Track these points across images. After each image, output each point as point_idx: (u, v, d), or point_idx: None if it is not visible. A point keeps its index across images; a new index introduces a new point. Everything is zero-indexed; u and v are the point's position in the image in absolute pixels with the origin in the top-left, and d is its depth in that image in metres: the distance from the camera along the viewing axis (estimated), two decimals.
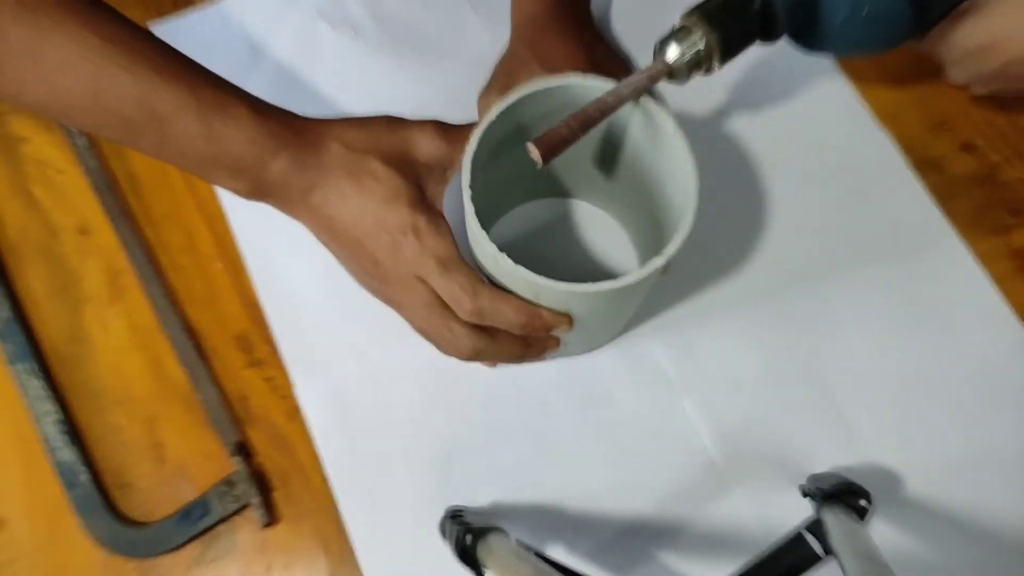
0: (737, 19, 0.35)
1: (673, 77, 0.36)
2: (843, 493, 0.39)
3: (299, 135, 0.38)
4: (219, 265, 0.52)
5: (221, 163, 0.37)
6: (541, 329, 0.39)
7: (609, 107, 0.35)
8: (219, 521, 0.46)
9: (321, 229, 0.40)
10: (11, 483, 0.48)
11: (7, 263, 0.52)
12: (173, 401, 0.49)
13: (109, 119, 0.36)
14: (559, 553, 0.45)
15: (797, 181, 0.53)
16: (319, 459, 0.47)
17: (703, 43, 0.35)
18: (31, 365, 0.49)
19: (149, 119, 0.36)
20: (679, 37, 0.35)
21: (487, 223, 0.36)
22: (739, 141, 0.54)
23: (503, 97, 0.37)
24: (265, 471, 0.48)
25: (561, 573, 0.35)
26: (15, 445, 0.48)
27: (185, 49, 0.57)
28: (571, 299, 0.37)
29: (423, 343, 0.42)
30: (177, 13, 0.58)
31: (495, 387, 0.48)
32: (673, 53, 0.35)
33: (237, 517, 0.47)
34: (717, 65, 0.36)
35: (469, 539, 0.38)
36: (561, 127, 0.34)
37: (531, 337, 0.41)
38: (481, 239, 0.36)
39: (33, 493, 0.47)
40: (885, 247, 0.51)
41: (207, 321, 0.51)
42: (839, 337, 0.49)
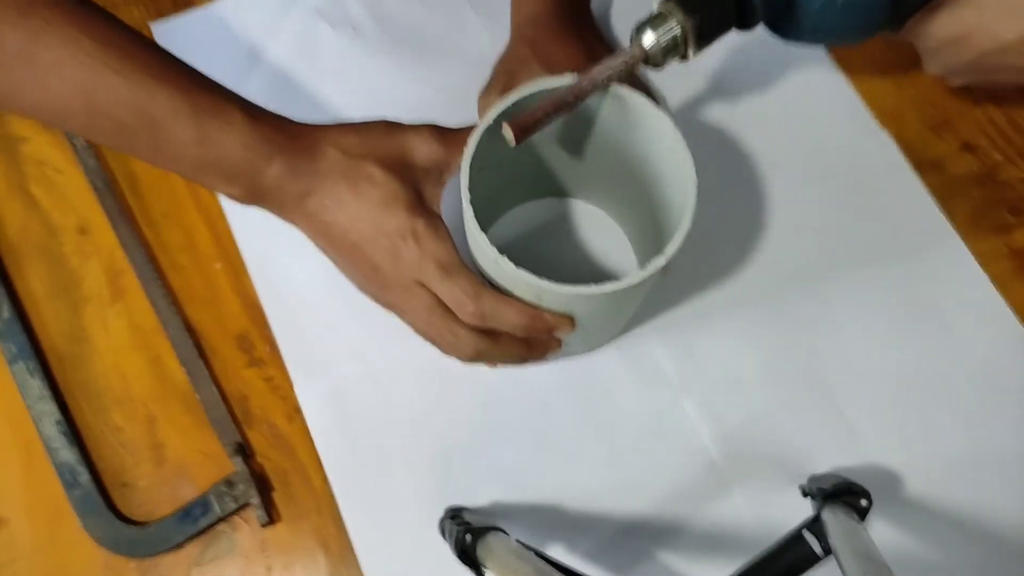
0: (713, 6, 0.35)
1: (649, 62, 0.36)
2: (843, 493, 0.39)
3: (294, 140, 0.38)
4: (219, 265, 0.52)
5: (215, 168, 0.37)
6: (543, 331, 0.39)
7: (585, 91, 0.35)
8: (219, 521, 0.46)
9: (318, 235, 0.40)
10: (11, 483, 0.48)
11: (7, 263, 0.52)
12: (173, 401, 0.49)
13: (103, 123, 0.36)
14: (559, 553, 0.45)
15: (797, 181, 0.53)
16: (319, 459, 0.47)
17: (679, 29, 0.35)
18: (31, 365, 0.49)
19: (143, 123, 0.36)
20: (655, 23, 0.35)
21: (485, 224, 0.36)
22: (739, 141, 0.54)
23: (501, 99, 0.37)
24: (265, 471, 0.48)
25: (561, 573, 0.35)
26: (15, 445, 0.48)
27: (185, 49, 0.57)
28: (573, 300, 0.37)
29: (423, 343, 0.42)
30: (177, 13, 0.58)
31: (495, 387, 0.48)
32: (649, 38, 0.35)
33: (237, 517, 0.47)
34: (692, 51, 0.36)
35: (469, 539, 0.38)
36: (536, 109, 0.35)
37: (533, 339, 0.41)
38: (481, 242, 0.36)
39: (33, 493, 0.47)
40: (885, 247, 0.51)
41: (207, 321, 0.51)
42: (839, 337, 0.49)
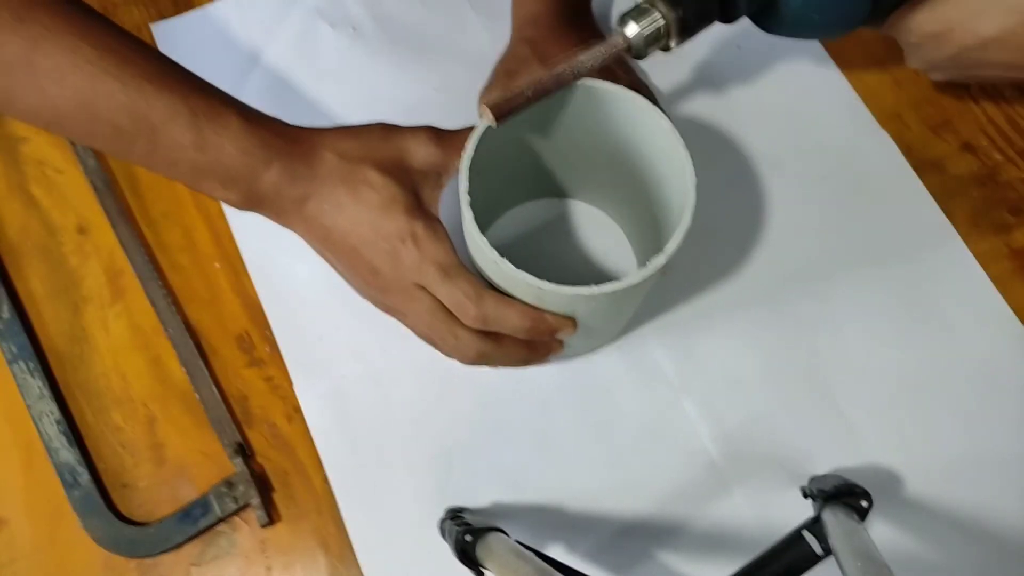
0: None
1: (632, 52, 0.36)
2: (843, 494, 0.39)
3: (292, 145, 0.38)
4: (219, 265, 0.52)
5: (212, 173, 0.37)
6: (545, 332, 0.39)
7: (565, 77, 0.36)
8: (219, 521, 0.46)
9: (317, 239, 0.40)
10: (11, 483, 0.48)
11: (7, 263, 0.52)
12: (173, 401, 0.49)
13: (100, 128, 0.36)
14: (559, 553, 0.45)
15: (797, 181, 0.53)
16: (319, 459, 0.47)
17: (662, 21, 0.35)
18: (31, 365, 0.49)
19: (140, 128, 0.36)
20: (639, 13, 0.36)
21: (484, 226, 0.36)
22: (740, 141, 0.54)
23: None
24: (265, 471, 0.48)
25: (561, 573, 0.35)
26: (15, 445, 0.48)
27: (186, 49, 0.57)
28: (575, 301, 0.37)
29: (423, 343, 0.42)
30: (177, 14, 0.58)
31: (495, 387, 0.48)
32: (632, 29, 0.36)
33: (237, 517, 0.47)
34: (675, 43, 0.36)
35: (469, 539, 0.38)
36: (516, 92, 0.35)
37: (535, 341, 0.41)
38: (482, 245, 0.36)
39: (33, 493, 0.47)
40: (885, 247, 0.51)
41: (207, 321, 0.51)
42: (839, 337, 0.49)
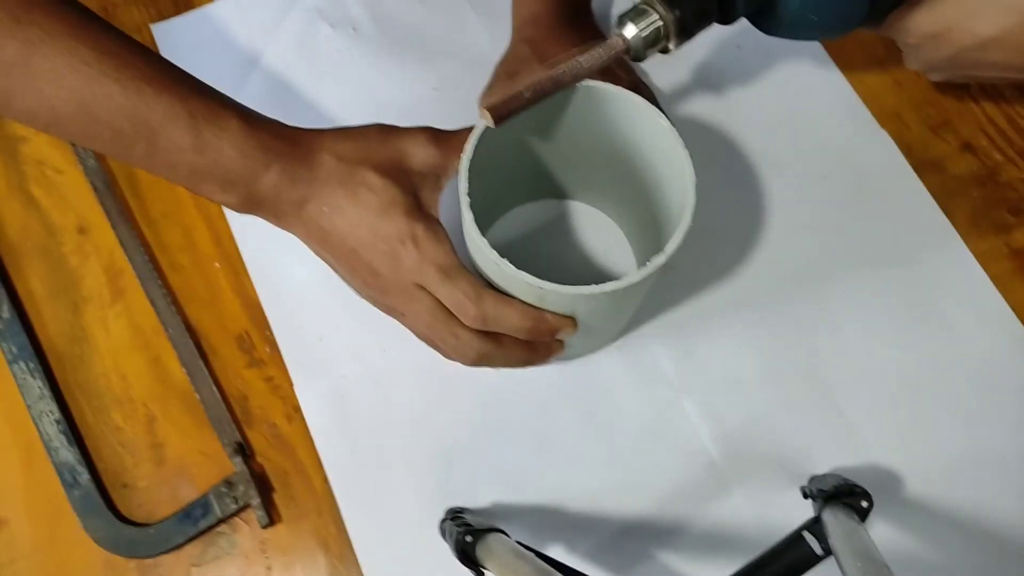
0: (694, 1, 0.36)
1: (630, 54, 0.36)
2: (843, 494, 0.39)
3: (291, 147, 0.38)
4: (219, 265, 0.52)
5: (211, 175, 0.37)
6: (546, 333, 0.39)
7: (564, 79, 0.36)
8: (219, 521, 0.46)
9: (317, 242, 0.40)
10: (11, 483, 0.48)
11: (7, 263, 0.52)
12: (173, 401, 0.49)
13: (98, 130, 0.36)
14: (559, 553, 0.45)
15: (797, 181, 0.53)
16: (319, 459, 0.47)
17: (660, 22, 0.35)
18: (31, 365, 0.49)
19: (138, 130, 0.36)
20: (637, 15, 0.36)
21: (483, 226, 0.36)
22: (740, 141, 0.54)
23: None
24: (265, 471, 0.48)
25: (561, 573, 0.35)
26: (15, 445, 0.48)
27: (186, 49, 0.57)
28: (575, 301, 0.37)
29: (423, 343, 0.42)
30: (177, 14, 0.58)
31: (495, 387, 0.48)
32: (630, 30, 0.36)
33: (237, 517, 0.47)
34: (673, 44, 0.36)
35: (469, 539, 0.38)
36: (516, 94, 0.35)
37: (536, 341, 0.41)
38: (482, 246, 0.36)
39: (33, 493, 0.47)
40: (885, 247, 0.51)
41: (207, 321, 0.51)
42: (839, 337, 0.49)
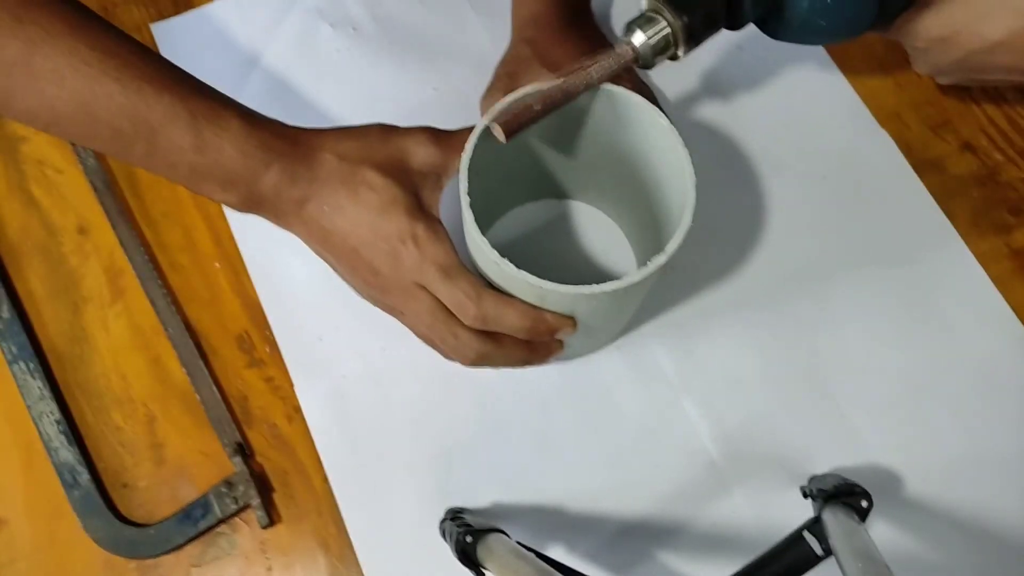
0: (702, 6, 0.35)
1: (639, 62, 0.36)
2: (843, 494, 0.39)
3: (291, 147, 0.38)
4: (219, 265, 0.52)
5: (211, 175, 0.37)
6: (546, 332, 0.39)
7: (574, 90, 0.36)
8: (219, 522, 0.46)
9: (317, 241, 0.40)
10: (11, 483, 0.48)
11: (7, 263, 0.52)
12: (173, 401, 0.49)
13: (99, 130, 0.36)
14: (559, 553, 0.45)
15: (797, 181, 0.53)
16: (319, 459, 0.47)
17: (668, 30, 0.35)
18: (31, 365, 0.49)
19: (139, 130, 0.36)
20: (644, 22, 0.35)
21: (484, 226, 0.36)
22: (740, 141, 0.54)
23: (500, 101, 0.37)
24: (265, 471, 0.48)
25: (561, 573, 0.35)
26: (15, 445, 0.48)
27: (186, 49, 0.57)
28: (576, 301, 0.37)
29: (423, 343, 0.42)
30: (177, 13, 0.58)
31: (495, 387, 0.48)
32: (639, 38, 0.35)
33: (237, 517, 0.47)
34: (682, 51, 0.36)
35: (469, 540, 0.38)
36: (525, 107, 0.35)
37: (535, 341, 0.41)
38: (483, 246, 0.36)
39: (33, 493, 0.47)
40: (886, 247, 0.51)
41: (207, 321, 0.51)
42: (839, 337, 0.49)
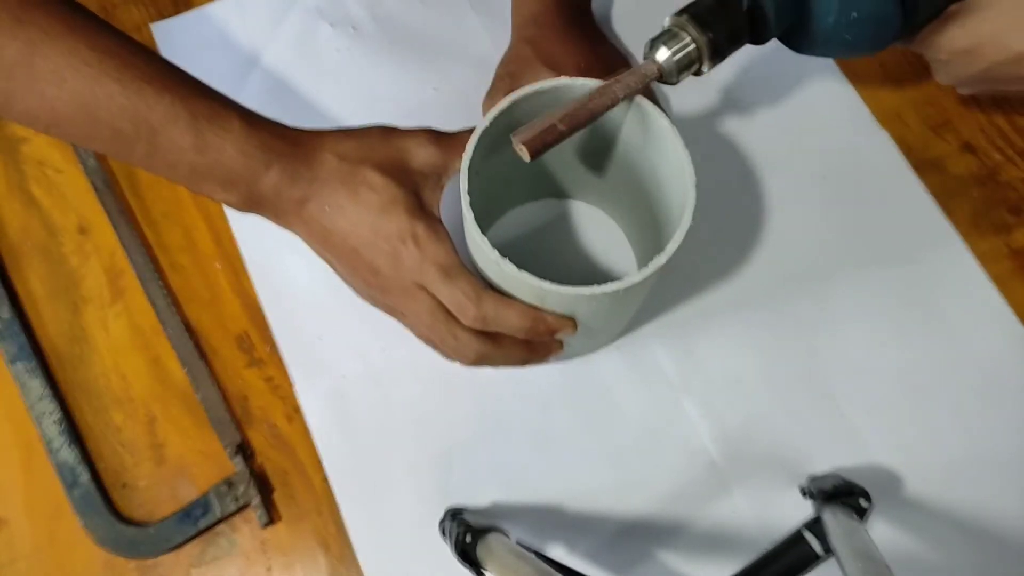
0: (726, 21, 0.35)
1: (663, 78, 0.36)
2: (843, 494, 0.39)
3: (292, 147, 0.38)
4: (219, 265, 0.52)
5: (212, 175, 0.37)
6: (546, 333, 0.39)
7: (601, 108, 0.35)
8: (219, 521, 0.46)
9: (317, 241, 0.40)
10: (11, 483, 0.48)
11: (7, 263, 0.52)
12: (173, 401, 0.49)
13: (99, 130, 0.36)
14: (559, 553, 0.45)
15: (797, 181, 0.53)
16: (319, 459, 0.47)
17: (693, 45, 0.35)
18: (31, 365, 0.49)
19: (139, 130, 0.36)
20: (669, 38, 0.35)
21: (484, 226, 0.36)
22: (740, 141, 0.54)
23: (500, 102, 0.37)
24: (265, 471, 0.48)
25: (561, 573, 0.35)
26: (15, 445, 0.48)
27: (186, 49, 0.57)
28: (576, 301, 0.37)
29: (423, 343, 0.42)
30: (177, 13, 0.58)
31: (496, 387, 0.48)
32: (663, 54, 0.35)
33: (237, 517, 0.47)
34: (707, 67, 0.36)
35: (469, 539, 0.38)
36: (550, 126, 0.34)
37: (535, 341, 0.41)
38: (483, 245, 0.36)
39: (33, 493, 0.47)
40: (886, 247, 0.51)
41: (207, 321, 0.51)
42: (839, 337, 0.49)
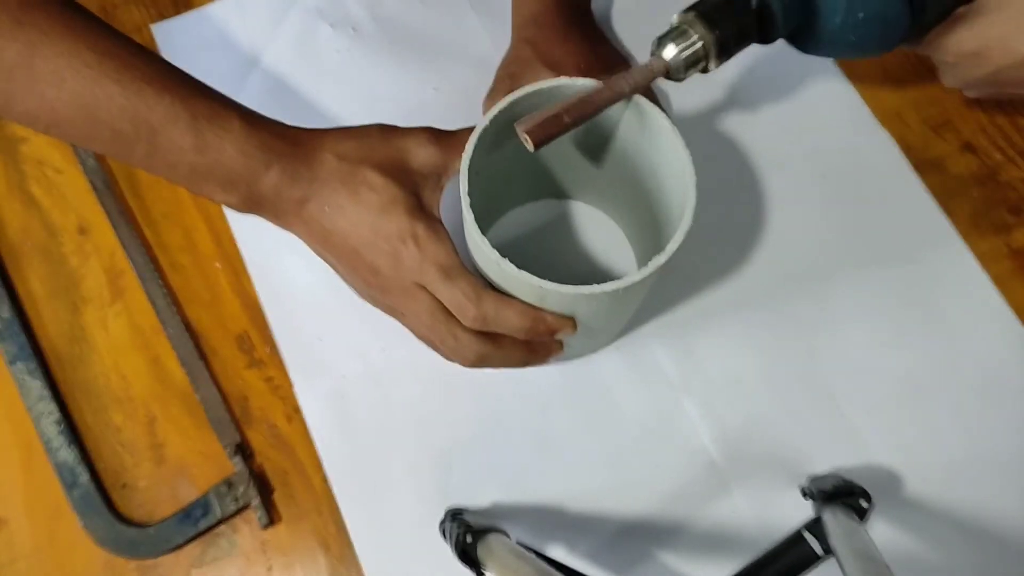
0: (734, 19, 0.35)
1: (670, 75, 0.36)
2: (843, 494, 0.39)
3: (292, 147, 0.38)
4: (219, 265, 0.52)
5: (212, 175, 0.37)
6: (546, 333, 0.39)
7: (606, 101, 0.35)
8: (219, 521, 0.46)
9: (317, 241, 0.40)
10: (11, 483, 0.48)
11: (7, 263, 0.52)
12: (173, 401, 0.49)
13: (99, 131, 0.36)
14: (559, 553, 0.45)
15: (798, 181, 0.53)
16: (319, 459, 0.47)
17: (700, 43, 0.35)
18: (31, 365, 0.49)
19: (139, 131, 0.36)
20: (676, 36, 0.35)
21: (484, 226, 0.36)
22: (740, 141, 0.54)
23: (500, 102, 0.37)
24: (265, 471, 0.48)
25: (561, 573, 0.35)
26: (15, 445, 0.48)
27: (186, 49, 0.57)
28: (576, 301, 0.37)
29: (423, 343, 0.42)
30: (177, 14, 0.58)
31: (496, 388, 0.48)
32: (670, 51, 0.35)
33: (237, 517, 0.47)
34: (714, 65, 0.36)
35: (469, 539, 0.38)
36: (555, 116, 0.34)
37: (535, 341, 0.41)
38: (483, 246, 0.36)
39: (33, 493, 0.47)
40: (886, 247, 0.51)
41: (207, 321, 0.51)
42: (839, 337, 0.49)
